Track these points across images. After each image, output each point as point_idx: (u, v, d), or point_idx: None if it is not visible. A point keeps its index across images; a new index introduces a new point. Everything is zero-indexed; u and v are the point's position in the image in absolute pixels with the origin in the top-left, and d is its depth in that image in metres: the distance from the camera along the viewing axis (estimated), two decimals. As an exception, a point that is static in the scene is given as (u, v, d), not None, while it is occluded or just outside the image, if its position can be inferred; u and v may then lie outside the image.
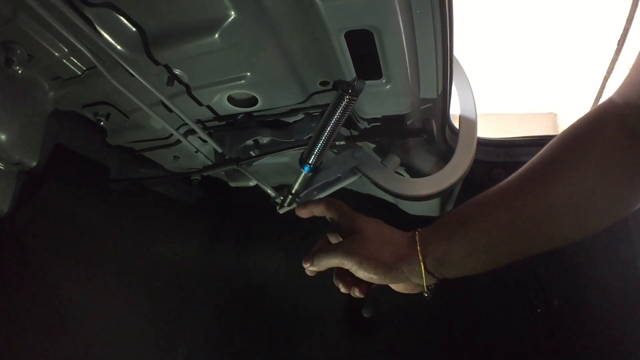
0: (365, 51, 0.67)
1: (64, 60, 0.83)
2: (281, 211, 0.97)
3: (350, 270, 0.67)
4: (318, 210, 0.75)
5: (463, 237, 0.62)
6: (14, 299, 1.01)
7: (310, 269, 0.70)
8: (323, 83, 0.82)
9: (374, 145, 0.99)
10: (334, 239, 0.76)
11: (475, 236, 0.61)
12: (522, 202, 0.59)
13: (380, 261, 0.64)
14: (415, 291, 0.68)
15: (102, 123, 0.98)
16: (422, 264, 0.63)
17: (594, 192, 0.57)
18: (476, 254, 0.61)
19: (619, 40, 3.57)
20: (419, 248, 0.63)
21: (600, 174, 0.57)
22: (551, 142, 0.63)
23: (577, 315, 1.25)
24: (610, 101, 0.62)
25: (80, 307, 1.17)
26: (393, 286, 0.69)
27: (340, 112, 0.76)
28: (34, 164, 0.98)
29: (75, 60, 0.84)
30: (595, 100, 4.23)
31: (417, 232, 0.66)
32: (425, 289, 0.65)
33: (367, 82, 0.73)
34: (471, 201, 0.65)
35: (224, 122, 0.98)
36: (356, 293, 0.70)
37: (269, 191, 0.98)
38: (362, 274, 0.65)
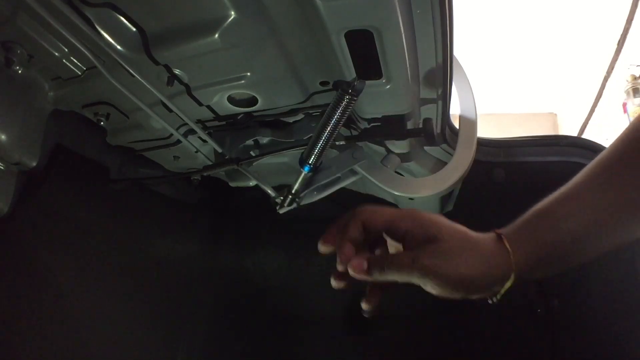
0: (365, 51, 0.67)
1: (64, 60, 0.83)
2: (281, 211, 0.97)
3: (422, 287, 0.55)
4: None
5: (556, 242, 0.54)
6: (14, 299, 1.01)
7: (365, 277, 0.56)
8: (323, 83, 0.82)
9: (375, 145, 0.99)
10: (393, 249, 0.61)
11: (567, 241, 0.55)
12: (608, 203, 0.55)
13: (471, 279, 0.53)
14: (482, 298, 0.58)
15: (102, 123, 0.98)
16: (513, 275, 0.53)
17: None
18: (566, 257, 0.56)
19: (619, 40, 3.57)
20: (512, 258, 0.54)
21: None
22: (621, 139, 0.58)
23: (577, 315, 1.25)
24: None
25: (80, 306, 1.17)
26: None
27: (340, 112, 0.76)
28: (34, 164, 0.98)
29: (75, 60, 0.84)
30: (595, 100, 4.23)
31: (503, 237, 0.55)
32: (498, 297, 0.56)
33: (367, 82, 0.73)
34: (554, 200, 0.57)
35: (224, 122, 0.98)
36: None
37: (269, 191, 0.98)
38: (442, 293, 0.53)
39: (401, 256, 0.56)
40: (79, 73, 0.86)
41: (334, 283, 0.61)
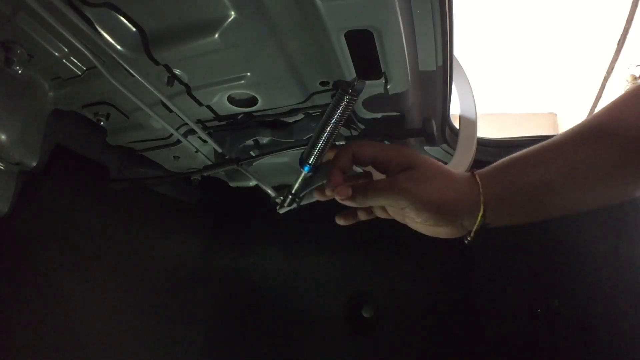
0: (365, 51, 0.67)
1: (64, 60, 0.83)
2: (281, 211, 0.97)
3: (396, 210, 0.61)
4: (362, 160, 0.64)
5: (524, 184, 0.58)
6: (13, 299, 1.01)
7: (350, 203, 0.61)
8: (323, 83, 0.82)
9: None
10: (377, 176, 0.66)
11: (535, 184, 0.58)
12: (579, 158, 0.58)
13: (442, 203, 0.58)
14: (457, 235, 0.62)
15: (102, 123, 0.98)
16: (482, 207, 0.58)
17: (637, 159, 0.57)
18: (532, 203, 0.59)
19: (619, 40, 3.57)
20: (481, 190, 0.59)
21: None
22: (602, 109, 0.62)
23: (577, 315, 1.25)
24: None
25: (79, 306, 1.17)
26: (431, 230, 0.62)
27: (340, 112, 0.76)
28: (34, 164, 0.98)
29: (75, 60, 0.84)
30: (595, 100, 4.23)
31: (475, 173, 0.61)
32: (471, 235, 0.61)
33: (367, 82, 0.73)
34: (527, 151, 0.62)
35: (224, 122, 0.98)
36: (363, 217, 0.67)
37: (269, 191, 0.98)
38: (415, 215, 0.59)
39: (382, 181, 0.62)
40: (79, 73, 0.86)
41: (338, 220, 0.69)
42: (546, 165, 0.59)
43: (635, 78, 3.64)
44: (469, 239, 0.61)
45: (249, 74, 0.79)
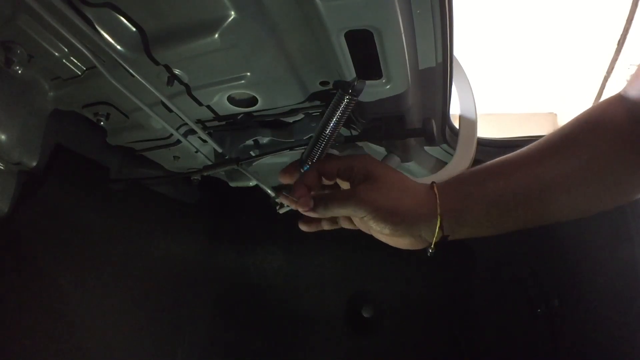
0: (365, 51, 0.67)
1: (64, 60, 0.83)
2: (281, 211, 0.97)
3: (359, 220, 0.62)
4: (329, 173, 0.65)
5: (482, 196, 0.59)
6: (13, 299, 1.01)
7: (312, 214, 0.62)
8: (323, 83, 0.82)
9: (375, 145, 0.99)
10: (344, 186, 0.67)
11: (493, 196, 0.59)
12: (542, 170, 0.59)
13: (398, 213, 0.59)
14: (418, 247, 0.63)
15: (102, 123, 0.98)
16: (439, 218, 0.59)
17: (605, 170, 0.58)
18: (491, 215, 0.59)
19: (619, 40, 3.57)
20: (438, 201, 0.60)
21: (613, 154, 0.58)
22: (569, 121, 0.63)
23: (577, 315, 1.25)
24: (619, 93, 0.64)
25: (79, 306, 1.17)
26: (392, 240, 0.63)
27: (340, 112, 0.76)
28: (34, 164, 0.98)
29: (75, 60, 0.84)
30: (595, 100, 4.23)
31: (434, 185, 0.63)
32: (432, 247, 0.61)
33: (367, 82, 0.73)
34: (489, 163, 0.64)
35: (224, 122, 0.98)
36: (325, 227, 0.68)
37: (269, 191, 0.98)
38: (373, 224, 0.60)
39: (342, 191, 0.65)
40: (79, 73, 0.86)
41: (301, 226, 0.70)
42: (507, 177, 0.60)
43: (635, 78, 3.64)
44: (430, 250, 0.62)
45: (249, 74, 0.79)
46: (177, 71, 0.78)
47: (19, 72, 0.88)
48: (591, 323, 1.23)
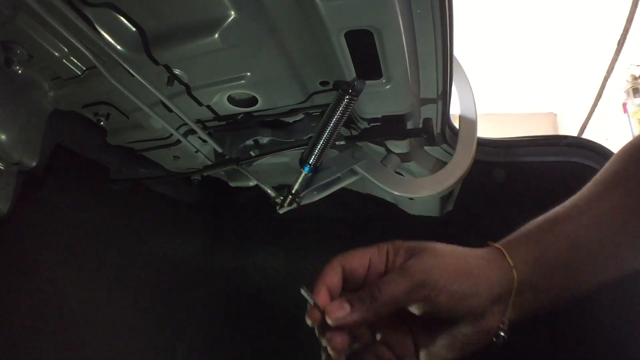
0: (365, 51, 0.67)
1: (64, 60, 0.83)
2: (281, 211, 0.97)
3: (414, 306, 0.47)
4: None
5: (556, 244, 0.49)
6: (13, 299, 1.01)
7: (350, 321, 0.46)
8: (323, 83, 0.82)
9: (375, 145, 0.99)
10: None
11: (567, 241, 0.49)
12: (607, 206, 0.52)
13: (465, 281, 0.46)
14: (482, 340, 0.49)
15: (102, 123, 0.98)
16: (515, 280, 0.47)
17: None
18: (569, 267, 0.50)
19: (619, 40, 3.57)
20: (509, 260, 0.48)
21: None
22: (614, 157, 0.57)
23: (577, 315, 1.25)
24: None
25: (80, 306, 1.17)
26: (446, 344, 0.49)
27: (340, 112, 0.76)
28: (34, 164, 0.98)
29: (75, 60, 0.84)
30: (595, 100, 4.23)
31: (491, 244, 0.51)
32: (504, 323, 0.49)
33: (367, 82, 0.73)
34: (545, 215, 0.54)
35: (224, 122, 0.98)
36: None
37: (269, 191, 0.98)
38: (433, 305, 0.46)
39: (389, 275, 0.48)
40: (79, 73, 0.86)
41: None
42: (575, 221, 0.51)
43: (635, 78, 3.65)
44: (502, 335, 0.49)
45: (249, 74, 0.79)
46: (177, 71, 0.78)
47: (19, 72, 0.88)
48: (591, 323, 1.23)
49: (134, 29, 0.72)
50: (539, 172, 1.24)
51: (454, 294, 0.45)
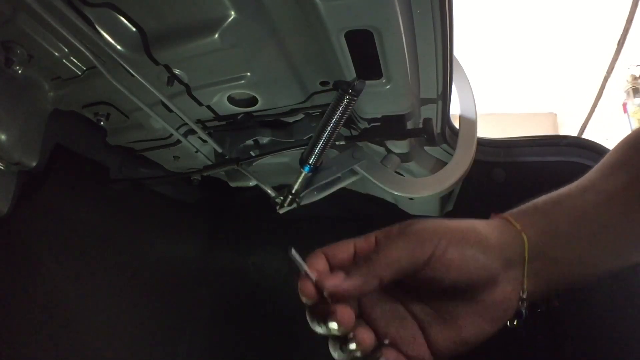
0: (365, 51, 0.67)
1: (64, 60, 0.83)
2: (281, 211, 0.97)
3: (419, 274, 0.42)
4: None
5: (561, 214, 0.47)
6: (14, 299, 1.01)
7: (349, 289, 0.42)
8: (323, 83, 0.82)
9: (375, 145, 0.99)
10: None
11: (577, 211, 0.47)
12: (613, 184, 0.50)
13: (472, 236, 0.43)
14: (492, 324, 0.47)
15: (102, 123, 0.98)
16: (525, 244, 0.44)
17: None
18: (582, 229, 0.47)
19: (619, 40, 3.57)
20: (516, 225, 0.46)
21: None
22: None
23: (577, 315, 1.25)
24: None
25: (80, 306, 1.17)
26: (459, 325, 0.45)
27: (340, 112, 0.76)
28: (34, 164, 0.98)
29: (75, 60, 0.84)
30: (595, 100, 4.23)
31: (494, 215, 0.49)
32: (523, 305, 0.46)
33: (367, 82, 0.73)
34: (549, 194, 0.52)
35: (224, 122, 0.98)
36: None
37: (269, 191, 0.98)
38: (441, 266, 0.41)
39: (389, 229, 0.44)
40: (79, 73, 0.86)
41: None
42: (581, 197, 0.49)
43: (635, 78, 3.65)
44: (522, 299, 0.46)
45: (249, 74, 0.79)
46: (177, 71, 0.78)
47: (19, 72, 0.88)
48: (591, 323, 1.23)
49: (134, 29, 0.72)
50: (539, 172, 1.24)
51: (461, 251, 0.42)
